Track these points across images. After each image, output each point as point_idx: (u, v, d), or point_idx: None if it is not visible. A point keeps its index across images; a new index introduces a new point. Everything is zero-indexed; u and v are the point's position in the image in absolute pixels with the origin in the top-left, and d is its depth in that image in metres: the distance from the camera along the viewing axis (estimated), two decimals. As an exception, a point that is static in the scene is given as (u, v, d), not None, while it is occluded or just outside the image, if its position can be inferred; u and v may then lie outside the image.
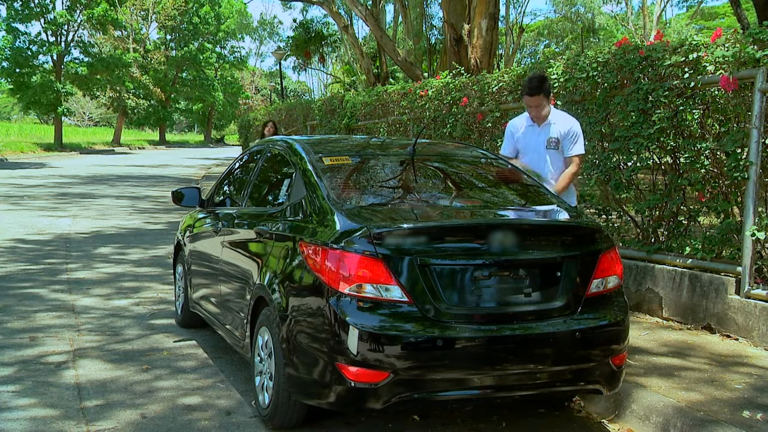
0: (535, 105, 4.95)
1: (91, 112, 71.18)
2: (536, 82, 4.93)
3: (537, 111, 4.96)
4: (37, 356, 4.97)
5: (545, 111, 4.98)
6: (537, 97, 4.91)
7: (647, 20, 35.44)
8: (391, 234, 3.41)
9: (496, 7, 12.75)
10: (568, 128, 4.98)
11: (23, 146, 36.05)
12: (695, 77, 5.27)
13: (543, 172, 4.91)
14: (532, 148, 5.08)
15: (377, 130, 11.47)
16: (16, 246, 9.52)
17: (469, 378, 3.39)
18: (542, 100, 4.92)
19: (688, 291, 5.36)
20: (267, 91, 67.25)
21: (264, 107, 30.71)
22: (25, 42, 39.85)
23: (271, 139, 5.29)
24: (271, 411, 3.76)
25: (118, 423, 3.85)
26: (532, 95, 4.92)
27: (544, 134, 5.02)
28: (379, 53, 23.08)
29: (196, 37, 54.78)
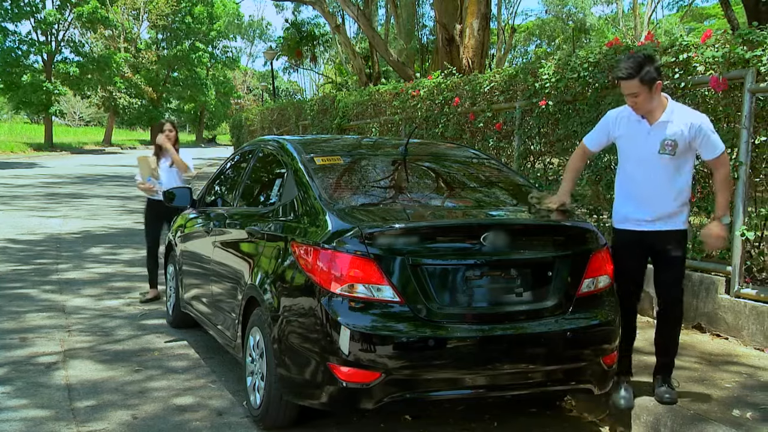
0: (629, 94, 3.65)
1: (81, 111, 70.84)
2: (631, 62, 3.64)
3: (633, 103, 3.68)
4: (27, 357, 4.94)
5: (650, 104, 3.66)
6: (631, 83, 3.61)
7: (638, 21, 35.58)
8: (383, 234, 3.42)
9: (488, 7, 12.75)
10: (695, 124, 3.66)
11: (13, 146, 35.86)
12: (685, 77, 5.30)
13: (653, 186, 3.74)
14: (638, 154, 3.78)
15: (369, 130, 11.46)
16: (6, 246, 9.47)
17: (461, 378, 3.40)
18: (639, 88, 3.60)
19: (679, 290, 5.37)
20: (259, 91, 67.11)
21: (256, 107, 30.64)
22: (15, 41, 39.61)
23: (263, 138, 5.28)
24: (263, 411, 3.75)
25: (109, 424, 3.84)
26: (625, 79, 3.64)
27: (656, 135, 3.70)
28: (371, 53, 23.08)
29: (189, 37, 54.56)
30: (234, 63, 64.36)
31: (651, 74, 3.59)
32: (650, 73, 3.59)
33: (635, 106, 3.68)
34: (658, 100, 3.68)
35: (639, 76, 3.58)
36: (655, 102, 3.66)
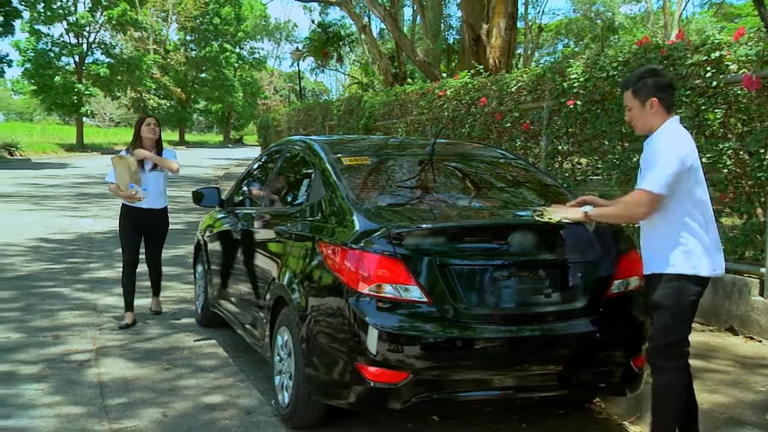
0: (625, 106, 3.36)
1: (111, 112, 71.86)
2: (634, 72, 3.42)
3: (628, 117, 3.35)
4: (61, 354, 5.03)
5: (643, 121, 3.26)
6: (625, 94, 3.31)
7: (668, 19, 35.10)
8: (411, 234, 3.42)
9: (515, 7, 12.69)
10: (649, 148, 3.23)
11: (46, 147, 36.47)
12: (717, 76, 5.22)
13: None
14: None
15: (395, 130, 11.47)
16: (39, 245, 9.64)
17: (488, 379, 3.39)
18: (631, 101, 3.27)
19: (711, 292, 5.31)
20: (285, 92, 67.48)
21: (283, 107, 30.82)
22: (48, 44, 40.37)
23: (290, 139, 5.31)
24: (291, 411, 3.77)
25: (140, 421, 3.89)
26: (621, 89, 3.47)
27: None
28: (397, 53, 23.09)
29: (216, 38, 55.08)
30: (261, 64, 64.80)
31: (644, 88, 3.20)
32: (644, 87, 3.20)
33: (629, 121, 3.35)
34: (659, 119, 3.20)
35: (632, 88, 3.25)
36: (653, 121, 3.21)
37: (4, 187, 17.80)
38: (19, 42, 39.61)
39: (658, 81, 3.21)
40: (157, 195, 5.96)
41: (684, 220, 3.14)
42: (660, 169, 3.07)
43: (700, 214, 3.15)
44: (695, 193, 3.15)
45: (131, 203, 5.88)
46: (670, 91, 3.25)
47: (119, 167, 5.75)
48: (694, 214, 3.14)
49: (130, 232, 5.99)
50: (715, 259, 3.17)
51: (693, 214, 3.13)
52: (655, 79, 3.21)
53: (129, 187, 5.78)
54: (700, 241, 3.12)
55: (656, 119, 3.21)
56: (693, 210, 3.14)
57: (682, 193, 3.13)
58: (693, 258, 3.12)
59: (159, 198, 5.98)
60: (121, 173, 5.76)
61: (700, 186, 3.17)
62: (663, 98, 3.19)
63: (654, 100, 3.18)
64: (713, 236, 3.19)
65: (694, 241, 3.12)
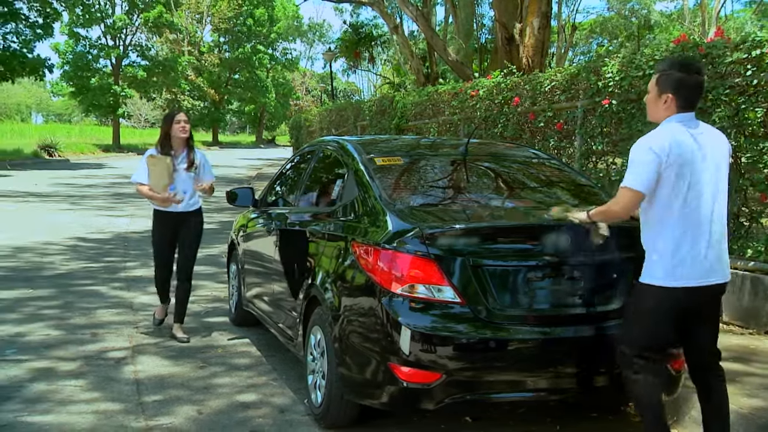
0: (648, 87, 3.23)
1: (147, 113, 72.98)
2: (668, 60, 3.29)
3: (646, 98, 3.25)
4: (98, 352, 5.12)
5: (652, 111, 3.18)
6: (653, 76, 3.17)
7: (705, 17, 34.46)
8: (444, 234, 3.41)
9: (549, 6, 12.57)
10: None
11: (83, 147, 37.20)
12: (758, 74, 5.12)
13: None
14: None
15: (428, 130, 11.46)
16: (77, 244, 9.84)
17: (522, 380, 3.36)
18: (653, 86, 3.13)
19: (750, 295, 5.20)
20: (317, 92, 67.84)
21: (315, 108, 30.99)
22: (86, 46, 41.18)
23: (323, 139, 5.34)
24: (324, 410, 3.79)
25: (176, 418, 3.94)
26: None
27: None
28: (429, 53, 23.03)
29: (250, 39, 55.59)
30: (293, 65, 65.25)
31: (668, 80, 3.02)
32: (668, 79, 3.02)
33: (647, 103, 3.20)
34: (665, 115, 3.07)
35: (658, 75, 3.08)
36: (661, 114, 3.08)
37: (43, 187, 18.20)
38: (58, 45, 40.50)
39: (683, 79, 3.01)
40: (192, 196, 5.52)
41: (659, 227, 3.03)
42: (634, 168, 3.00)
43: (681, 222, 2.97)
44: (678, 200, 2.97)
45: (165, 207, 5.44)
46: (692, 92, 3.03)
47: (155, 168, 5.32)
48: (672, 222, 2.98)
49: (164, 238, 5.57)
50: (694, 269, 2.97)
51: (670, 222, 2.98)
52: (682, 75, 3.01)
53: (170, 189, 5.34)
54: (672, 250, 2.97)
55: (664, 114, 3.07)
56: (671, 218, 2.98)
57: (663, 198, 2.99)
58: (656, 267, 3.01)
59: (194, 200, 5.55)
60: (159, 174, 5.32)
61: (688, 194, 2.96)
62: (680, 97, 3.02)
63: (670, 96, 3.04)
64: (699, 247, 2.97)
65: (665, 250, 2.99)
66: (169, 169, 5.33)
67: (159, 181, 5.32)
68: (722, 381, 3.20)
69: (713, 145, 3.07)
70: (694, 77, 3.03)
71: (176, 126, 5.41)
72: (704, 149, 3.02)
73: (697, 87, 3.06)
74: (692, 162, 2.98)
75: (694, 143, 3.00)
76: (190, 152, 5.50)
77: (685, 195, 2.96)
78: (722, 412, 3.17)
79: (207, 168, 5.59)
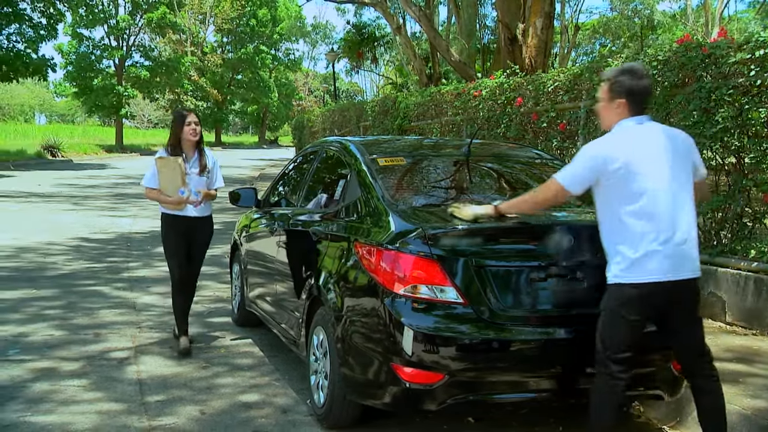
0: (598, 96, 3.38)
1: (149, 114, 73.06)
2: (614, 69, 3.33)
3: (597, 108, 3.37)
4: (101, 352, 5.13)
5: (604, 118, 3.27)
6: (601, 85, 3.30)
7: (709, 17, 34.40)
8: (446, 235, 3.41)
9: (552, 6, 12.56)
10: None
11: (86, 148, 37.23)
12: (762, 75, 5.10)
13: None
14: None
15: (430, 130, 11.45)
16: (80, 245, 9.86)
17: (525, 381, 3.36)
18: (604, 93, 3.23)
19: (753, 295, 5.19)
20: (320, 93, 67.90)
21: (318, 108, 31.00)
22: (90, 47, 41.25)
23: (326, 140, 5.34)
24: (326, 410, 3.79)
25: (178, 418, 3.95)
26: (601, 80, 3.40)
27: None
28: (432, 54, 23.03)
29: (252, 40, 55.63)
30: (296, 65, 65.27)
31: (618, 86, 3.12)
32: (619, 85, 3.11)
33: (597, 112, 3.31)
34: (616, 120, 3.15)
35: (608, 83, 3.17)
36: (615, 120, 3.15)
37: (46, 187, 18.23)
38: (62, 45, 40.56)
39: (634, 84, 3.11)
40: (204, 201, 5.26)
41: (616, 227, 3.07)
42: (573, 165, 3.11)
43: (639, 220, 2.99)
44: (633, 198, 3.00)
45: (175, 211, 5.16)
46: (642, 96, 3.13)
47: (166, 170, 5.03)
48: (631, 220, 3.00)
49: (176, 244, 5.24)
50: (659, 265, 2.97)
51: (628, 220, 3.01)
52: (632, 80, 3.11)
53: (180, 193, 5.04)
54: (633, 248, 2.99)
55: (617, 119, 3.15)
56: (629, 216, 3.01)
57: (614, 198, 3.05)
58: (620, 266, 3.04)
59: (205, 204, 5.25)
60: (170, 177, 5.03)
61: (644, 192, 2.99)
62: (632, 101, 3.10)
63: (623, 101, 3.12)
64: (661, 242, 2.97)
65: (625, 248, 3.01)
66: (181, 170, 5.01)
67: (170, 183, 5.04)
68: (715, 381, 3.17)
69: (669, 142, 3.11)
70: (643, 81, 3.13)
71: (187, 128, 5.09)
72: (659, 147, 3.07)
73: (646, 91, 3.16)
74: (645, 161, 3.01)
75: (648, 143, 3.06)
76: (202, 155, 5.23)
77: (640, 193, 2.99)
78: (717, 414, 3.15)
79: (218, 173, 5.34)
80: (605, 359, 3.08)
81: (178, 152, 5.13)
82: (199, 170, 5.17)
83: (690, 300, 3.13)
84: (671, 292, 3.02)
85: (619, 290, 3.05)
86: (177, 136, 5.14)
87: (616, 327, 3.07)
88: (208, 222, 5.39)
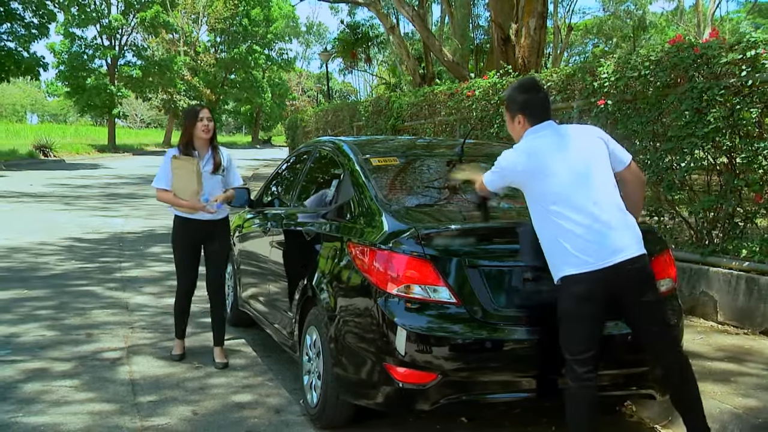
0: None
1: (142, 113, 72.87)
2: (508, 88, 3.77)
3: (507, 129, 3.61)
4: (93, 352, 5.11)
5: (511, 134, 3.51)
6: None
7: (701, 17, 34.55)
8: (439, 235, 3.41)
9: (545, 6, 12.59)
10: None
11: (79, 147, 37.13)
12: (753, 75, 5.13)
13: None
14: None
15: (423, 130, 11.46)
16: (72, 245, 9.82)
17: (517, 381, 3.37)
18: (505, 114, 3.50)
19: (745, 294, 5.22)
20: (314, 93, 67.81)
21: (311, 108, 30.97)
22: (82, 46, 41.09)
23: (319, 140, 5.33)
24: (320, 410, 3.79)
25: (171, 419, 3.93)
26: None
27: None
28: (425, 54, 23.07)
29: (246, 39, 55.54)
30: (289, 65, 65.18)
31: (512, 104, 3.36)
32: (513, 103, 3.36)
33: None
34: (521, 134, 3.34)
35: (505, 103, 3.45)
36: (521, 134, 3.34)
37: (39, 187, 18.16)
38: (54, 44, 40.40)
39: (526, 99, 3.31)
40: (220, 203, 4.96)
41: (548, 223, 3.16)
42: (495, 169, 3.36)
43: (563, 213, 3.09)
44: (550, 193, 3.12)
45: (192, 214, 4.86)
46: (538, 107, 3.29)
47: (182, 171, 4.73)
48: (557, 215, 3.11)
49: (187, 250, 4.98)
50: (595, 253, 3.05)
51: (555, 216, 3.11)
52: (524, 96, 3.32)
53: (203, 200, 4.76)
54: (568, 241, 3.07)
55: (522, 132, 3.33)
56: (554, 212, 3.11)
57: (536, 198, 3.20)
58: (560, 262, 3.12)
59: (221, 206, 4.98)
60: (186, 179, 4.72)
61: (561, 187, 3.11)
62: (529, 114, 3.29)
63: (520, 116, 3.31)
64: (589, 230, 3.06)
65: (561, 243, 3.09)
66: (198, 173, 4.71)
67: (186, 186, 4.74)
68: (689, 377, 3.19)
69: (577, 137, 3.26)
70: (533, 93, 3.33)
71: (199, 124, 4.80)
72: (566, 144, 3.21)
73: (541, 101, 3.33)
74: (555, 159, 3.16)
75: (553, 143, 3.21)
76: (216, 153, 4.94)
77: (558, 188, 3.11)
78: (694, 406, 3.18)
79: (233, 170, 5.05)
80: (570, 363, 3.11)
81: (191, 151, 4.86)
82: (213, 168, 4.89)
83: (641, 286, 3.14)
84: (616, 277, 3.06)
85: (568, 282, 3.11)
86: (189, 133, 4.86)
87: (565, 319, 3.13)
88: (224, 225, 5.07)
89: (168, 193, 4.85)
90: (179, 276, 5.06)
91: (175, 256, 5.07)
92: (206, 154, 4.92)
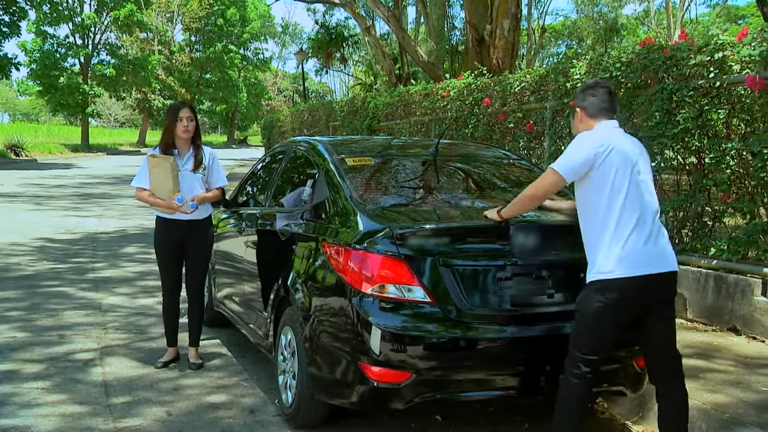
0: None
1: (116, 113, 72.02)
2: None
3: None
4: (65, 353, 5.06)
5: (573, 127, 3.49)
6: None
7: (671, 20, 35.03)
8: (414, 234, 3.43)
9: (518, 8, 12.69)
10: None
11: (51, 147, 36.59)
12: (721, 77, 5.22)
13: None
14: None
15: (399, 130, 11.49)
16: (44, 245, 9.69)
17: (491, 379, 3.40)
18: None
19: (713, 292, 5.31)
20: (289, 93, 67.52)
21: (287, 108, 30.87)
22: (54, 45, 40.51)
23: (294, 140, 5.33)
24: (294, 410, 3.79)
25: (144, 420, 3.91)
26: None
27: None
28: (401, 54, 23.08)
29: (221, 39, 55.18)
30: (265, 65, 64.90)
31: (577, 99, 3.39)
32: (577, 98, 3.40)
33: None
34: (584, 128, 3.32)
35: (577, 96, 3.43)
36: (580, 128, 3.34)
37: (10, 187, 17.87)
38: (25, 43, 39.79)
39: (585, 93, 3.33)
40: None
41: (597, 223, 3.14)
42: (567, 154, 3.18)
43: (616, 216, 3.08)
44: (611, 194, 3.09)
45: (170, 214, 4.75)
46: (597, 102, 3.28)
47: (158, 170, 4.66)
48: (608, 216, 3.09)
49: (168, 251, 4.86)
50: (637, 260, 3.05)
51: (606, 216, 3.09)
52: (585, 90, 3.35)
53: (176, 201, 4.64)
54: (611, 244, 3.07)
55: (582, 127, 3.32)
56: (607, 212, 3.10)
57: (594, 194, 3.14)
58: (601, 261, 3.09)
59: (203, 206, 4.85)
60: (162, 178, 4.65)
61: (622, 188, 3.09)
62: (587, 108, 3.30)
63: (579, 110, 3.35)
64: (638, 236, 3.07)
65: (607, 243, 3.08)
66: (173, 172, 4.64)
67: (162, 185, 4.66)
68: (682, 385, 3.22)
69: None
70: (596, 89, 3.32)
71: (179, 125, 4.67)
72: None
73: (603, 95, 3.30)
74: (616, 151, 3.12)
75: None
76: (198, 151, 4.81)
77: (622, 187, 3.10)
78: (681, 416, 3.19)
79: (217, 169, 4.91)
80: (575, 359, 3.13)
81: (171, 149, 4.74)
82: (193, 166, 4.76)
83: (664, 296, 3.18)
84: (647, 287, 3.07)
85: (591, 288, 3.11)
86: (170, 132, 4.73)
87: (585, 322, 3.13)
88: (206, 225, 4.95)
89: (145, 191, 4.78)
90: (162, 278, 4.97)
91: (158, 257, 4.96)
92: (187, 152, 4.83)
